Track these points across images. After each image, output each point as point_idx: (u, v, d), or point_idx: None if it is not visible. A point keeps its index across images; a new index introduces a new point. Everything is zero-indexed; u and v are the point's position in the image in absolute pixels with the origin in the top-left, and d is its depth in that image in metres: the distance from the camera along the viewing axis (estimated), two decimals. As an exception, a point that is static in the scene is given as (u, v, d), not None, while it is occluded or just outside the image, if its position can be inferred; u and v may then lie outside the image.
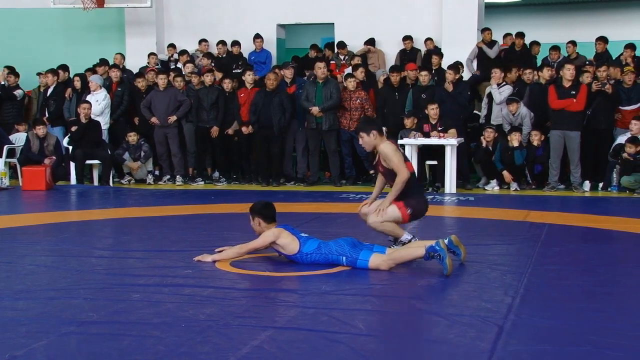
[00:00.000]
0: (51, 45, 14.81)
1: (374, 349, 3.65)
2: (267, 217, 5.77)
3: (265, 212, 5.78)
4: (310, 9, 14.09)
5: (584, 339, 3.81)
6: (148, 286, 4.94)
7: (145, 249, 6.29)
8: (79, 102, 11.77)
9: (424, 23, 13.38)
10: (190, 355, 3.57)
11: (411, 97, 11.19)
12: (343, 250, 5.49)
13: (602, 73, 10.45)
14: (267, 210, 5.80)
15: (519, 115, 10.67)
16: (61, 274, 5.34)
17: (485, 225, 7.70)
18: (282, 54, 14.49)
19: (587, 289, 4.95)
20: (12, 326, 4.03)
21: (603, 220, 7.92)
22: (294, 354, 3.59)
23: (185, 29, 14.43)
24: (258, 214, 5.77)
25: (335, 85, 11.10)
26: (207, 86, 11.49)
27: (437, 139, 10.27)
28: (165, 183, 11.65)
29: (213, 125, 11.39)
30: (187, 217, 8.23)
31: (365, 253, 5.45)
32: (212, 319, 4.15)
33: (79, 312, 4.30)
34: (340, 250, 5.50)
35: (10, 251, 6.24)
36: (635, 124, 10.09)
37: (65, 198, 10.28)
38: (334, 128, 11.06)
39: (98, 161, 11.41)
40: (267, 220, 5.74)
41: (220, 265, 5.56)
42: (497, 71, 11.18)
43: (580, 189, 10.31)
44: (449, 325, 4.02)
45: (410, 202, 5.94)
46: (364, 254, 5.43)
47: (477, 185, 10.89)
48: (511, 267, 5.58)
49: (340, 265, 5.47)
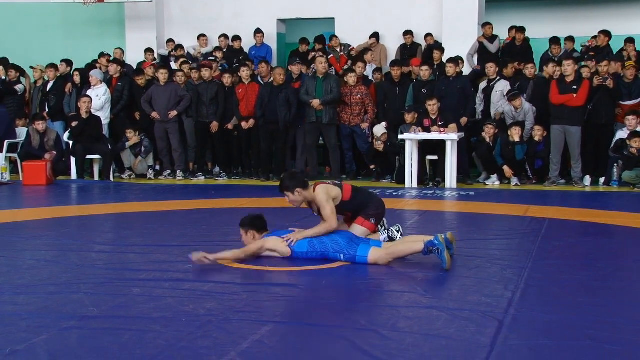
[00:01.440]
0: (51, 40, 14.82)
1: (374, 343, 3.65)
2: (260, 228, 5.73)
3: (257, 223, 5.73)
4: (311, 4, 14.08)
5: (584, 333, 3.81)
6: (148, 281, 4.94)
7: (145, 243, 6.29)
8: (79, 96, 11.78)
9: (424, 18, 13.37)
10: (190, 350, 3.58)
11: (412, 92, 11.19)
12: (339, 247, 5.47)
13: (604, 68, 10.44)
14: (258, 222, 5.75)
15: (523, 110, 10.66)
16: (62, 269, 5.34)
17: (485, 220, 7.70)
18: (283, 49, 14.48)
19: (588, 283, 4.95)
20: (13, 321, 4.03)
21: (603, 215, 7.92)
22: (295, 348, 3.60)
23: (185, 24, 14.42)
24: (251, 227, 5.70)
25: (335, 80, 11.10)
26: (207, 81, 11.48)
27: (437, 134, 10.27)
28: (165, 178, 11.66)
29: (213, 120, 11.39)
30: (188, 212, 8.23)
31: (363, 248, 5.43)
32: (213, 314, 4.16)
33: (80, 306, 4.30)
34: (336, 248, 5.47)
35: (10, 246, 6.24)
36: (633, 119, 10.10)
37: (66, 193, 10.29)
38: (334, 123, 11.05)
39: (98, 156, 11.41)
40: (260, 232, 5.72)
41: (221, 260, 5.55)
42: (491, 66, 11.17)
43: (581, 183, 10.31)
44: (449, 320, 4.02)
45: (368, 212, 5.90)
46: (361, 250, 5.42)
47: (478, 180, 10.89)
48: (511, 262, 5.58)
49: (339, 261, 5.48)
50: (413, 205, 8.79)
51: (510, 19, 14.51)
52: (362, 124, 11.15)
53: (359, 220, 5.89)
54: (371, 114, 11.21)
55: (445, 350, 3.58)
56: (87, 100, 11.24)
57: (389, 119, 11.12)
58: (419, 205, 8.71)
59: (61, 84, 12.40)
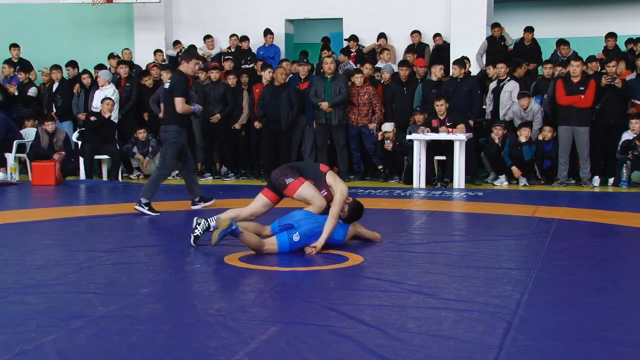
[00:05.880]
0: (60, 41, 14.86)
1: (381, 344, 3.65)
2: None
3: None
4: (319, 4, 14.08)
5: (593, 334, 3.80)
6: (157, 281, 4.96)
7: (153, 243, 6.31)
8: (88, 97, 11.82)
9: (432, 18, 13.35)
10: (199, 350, 3.58)
11: (420, 92, 11.17)
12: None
13: (612, 68, 10.39)
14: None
15: (531, 111, 10.63)
16: (70, 269, 5.36)
17: (493, 221, 7.68)
18: (291, 49, 14.49)
19: (596, 284, 4.94)
20: (22, 320, 4.05)
21: (612, 215, 7.89)
22: (302, 349, 3.60)
23: (193, 25, 14.45)
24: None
25: (343, 80, 11.09)
26: (214, 81, 11.50)
27: (445, 134, 10.25)
28: (173, 178, 11.67)
29: (220, 120, 11.40)
30: (196, 212, 8.23)
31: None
32: (221, 314, 4.16)
33: (89, 306, 4.31)
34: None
35: (19, 246, 6.26)
36: (636, 122, 10.05)
37: (75, 193, 10.32)
38: (343, 123, 11.05)
39: (107, 156, 11.44)
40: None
41: (229, 260, 5.57)
42: (502, 66, 11.13)
43: (590, 184, 10.27)
44: (457, 321, 4.01)
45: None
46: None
47: (486, 180, 10.87)
48: (520, 263, 5.57)
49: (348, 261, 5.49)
50: (421, 205, 8.78)
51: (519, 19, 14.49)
52: (370, 125, 11.15)
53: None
54: (379, 114, 11.20)
55: (453, 351, 3.57)
56: (111, 102, 11.33)
57: (397, 119, 11.11)
58: (427, 206, 8.70)
59: (67, 84, 12.44)
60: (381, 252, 5.93)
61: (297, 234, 5.73)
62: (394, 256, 5.80)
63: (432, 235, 6.81)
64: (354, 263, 5.46)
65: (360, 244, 6.17)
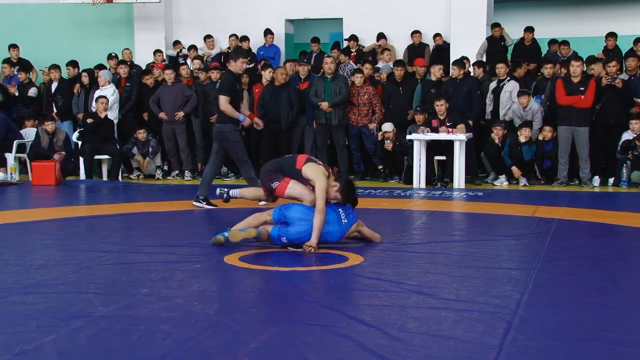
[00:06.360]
0: (60, 40, 14.87)
1: (381, 344, 3.65)
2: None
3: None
4: (319, 4, 14.09)
5: (593, 334, 3.80)
6: (157, 281, 4.95)
7: (154, 243, 6.30)
8: (88, 97, 11.81)
9: (432, 18, 13.36)
10: (199, 350, 3.58)
11: (420, 92, 11.17)
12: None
13: (612, 68, 10.39)
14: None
15: (530, 110, 10.63)
16: (70, 269, 5.36)
17: (493, 221, 7.69)
18: (291, 49, 14.50)
19: (596, 284, 4.94)
20: (22, 320, 4.05)
21: (612, 215, 7.89)
22: (303, 349, 3.60)
23: (193, 25, 14.45)
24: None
25: (344, 80, 11.10)
26: (214, 81, 11.51)
27: (445, 134, 10.25)
28: (173, 178, 11.68)
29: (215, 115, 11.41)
30: (196, 212, 8.24)
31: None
32: (221, 314, 4.16)
33: (89, 306, 4.31)
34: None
35: (19, 246, 6.26)
36: (636, 123, 10.05)
37: (75, 193, 10.32)
38: (343, 123, 11.05)
39: (107, 156, 11.44)
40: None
41: (229, 260, 5.57)
42: (502, 66, 11.13)
43: (590, 184, 10.27)
44: (458, 321, 4.01)
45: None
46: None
47: (486, 180, 10.87)
48: (520, 263, 5.57)
49: (348, 261, 5.49)
50: (421, 205, 8.78)
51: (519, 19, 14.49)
52: (370, 125, 11.15)
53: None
54: (379, 114, 11.20)
55: (453, 351, 3.57)
56: (105, 100, 11.31)
57: (394, 119, 11.11)
58: (427, 206, 8.70)
59: (67, 84, 12.44)
60: (381, 252, 5.94)
61: (285, 238, 5.87)
62: (394, 256, 5.80)
63: (432, 235, 6.81)
64: (354, 263, 5.46)
65: (360, 244, 6.17)
